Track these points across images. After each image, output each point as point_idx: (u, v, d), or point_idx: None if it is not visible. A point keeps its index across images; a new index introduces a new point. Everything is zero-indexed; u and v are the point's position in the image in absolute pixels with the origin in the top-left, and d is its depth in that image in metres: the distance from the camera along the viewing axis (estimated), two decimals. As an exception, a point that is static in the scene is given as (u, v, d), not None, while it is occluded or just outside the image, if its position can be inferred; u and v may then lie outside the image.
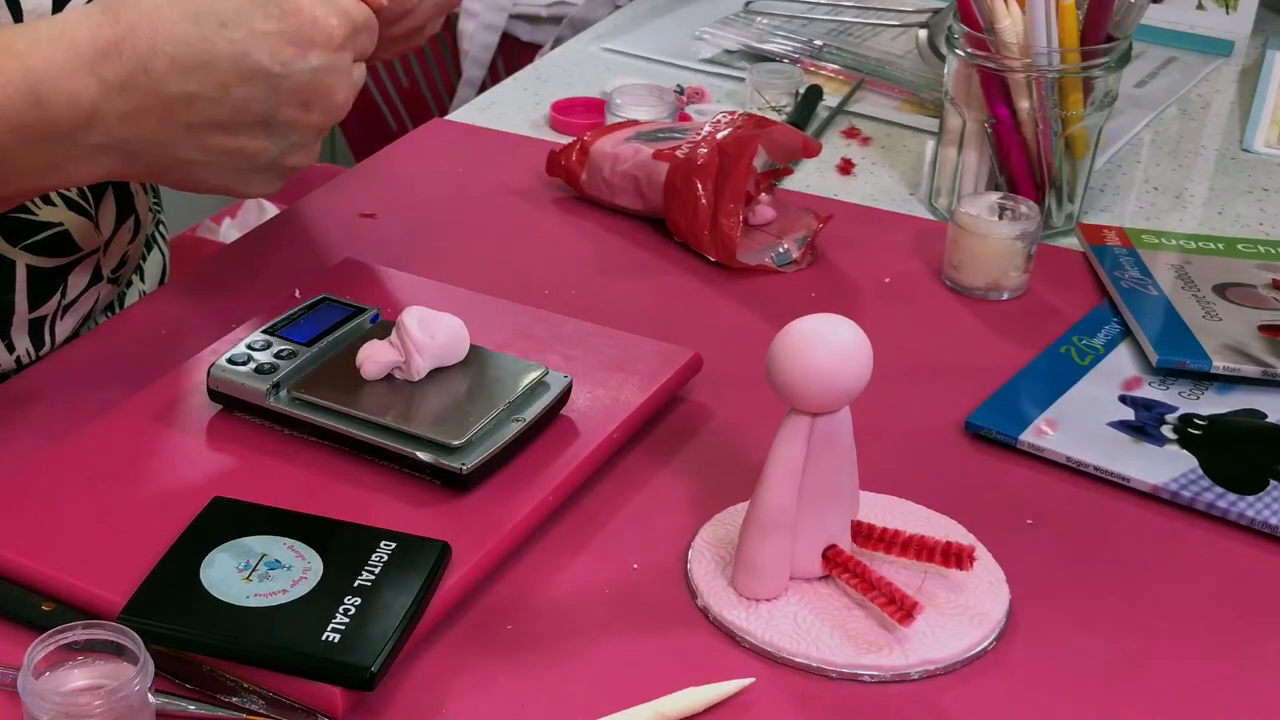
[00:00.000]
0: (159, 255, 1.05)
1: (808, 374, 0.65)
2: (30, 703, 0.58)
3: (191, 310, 0.91)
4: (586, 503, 0.76)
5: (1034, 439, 0.81)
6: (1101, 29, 1.01)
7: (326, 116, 0.75)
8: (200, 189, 0.77)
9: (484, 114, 1.23)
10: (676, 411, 0.84)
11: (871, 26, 1.41)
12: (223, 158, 0.75)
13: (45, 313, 0.90)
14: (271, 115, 0.73)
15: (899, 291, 0.97)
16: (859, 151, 1.18)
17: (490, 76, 1.97)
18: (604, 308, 0.92)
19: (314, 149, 0.77)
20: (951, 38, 1.03)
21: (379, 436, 0.74)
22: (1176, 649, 0.68)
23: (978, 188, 1.05)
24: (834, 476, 0.68)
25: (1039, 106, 1.01)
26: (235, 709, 0.63)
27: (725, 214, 0.97)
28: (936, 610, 0.68)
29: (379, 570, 0.66)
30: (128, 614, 0.63)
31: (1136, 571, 0.73)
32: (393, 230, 1.02)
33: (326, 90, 0.74)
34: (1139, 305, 0.93)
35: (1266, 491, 0.77)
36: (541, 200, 1.07)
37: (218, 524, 0.69)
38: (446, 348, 0.78)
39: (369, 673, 0.61)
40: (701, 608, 0.70)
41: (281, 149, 0.75)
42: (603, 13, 1.81)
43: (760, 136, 0.99)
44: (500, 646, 0.67)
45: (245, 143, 0.74)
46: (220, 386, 0.78)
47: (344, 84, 0.75)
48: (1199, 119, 1.28)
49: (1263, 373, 0.86)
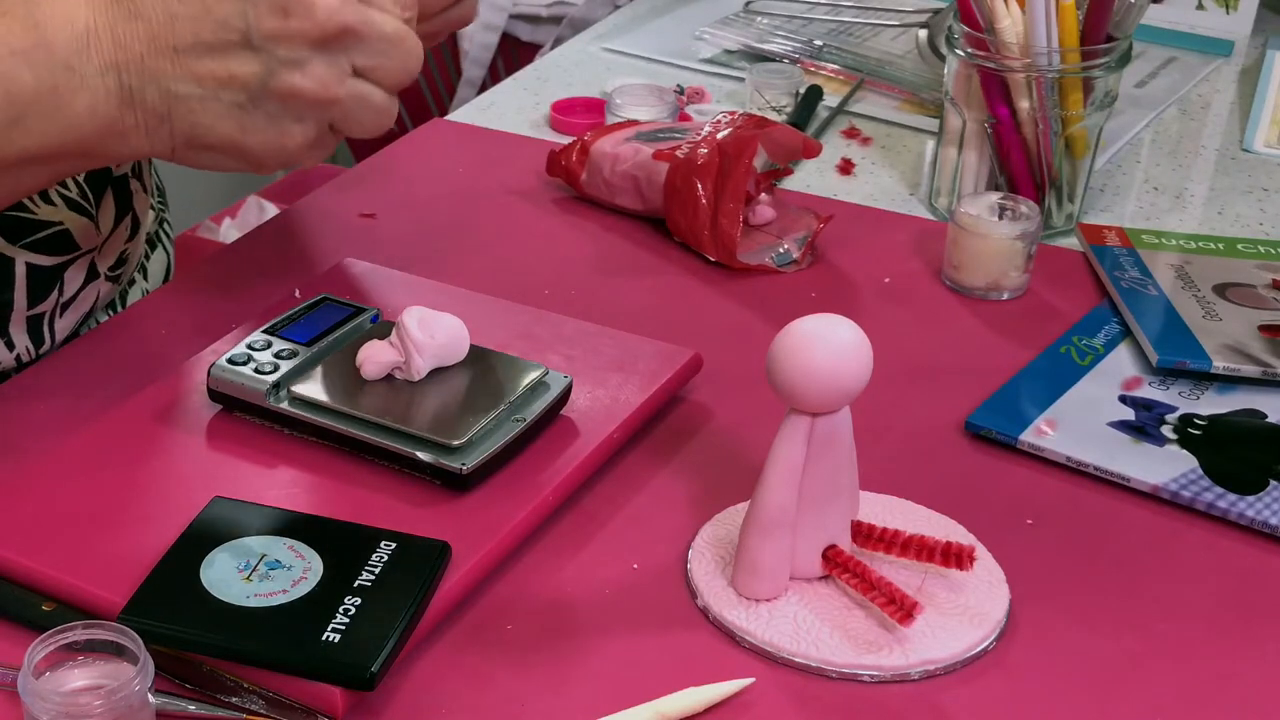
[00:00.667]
0: (163, 254, 1.04)
1: (808, 374, 0.65)
2: (30, 703, 0.58)
3: (191, 310, 0.91)
4: (586, 503, 0.76)
5: (1034, 439, 0.81)
6: (1101, 29, 1.01)
7: (309, 23, 0.72)
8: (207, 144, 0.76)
9: (484, 114, 1.23)
10: (676, 411, 0.84)
11: (871, 26, 1.41)
12: (216, 89, 0.73)
13: (44, 309, 0.90)
14: (253, 28, 0.72)
15: (899, 291, 0.97)
16: (859, 151, 1.18)
17: (490, 76, 1.97)
18: (604, 308, 0.92)
19: (309, 70, 0.73)
20: (951, 38, 1.03)
21: (379, 436, 0.74)
22: (1176, 649, 0.68)
23: (978, 188, 1.05)
24: (834, 476, 0.68)
25: (1039, 106, 1.01)
26: (235, 709, 0.63)
27: (725, 214, 0.97)
28: (936, 610, 0.68)
29: (379, 570, 0.66)
30: (128, 614, 0.63)
31: (1136, 571, 0.73)
32: (393, 230, 1.02)
33: None
34: (1139, 305, 0.93)
35: (1266, 491, 0.77)
36: (541, 200, 1.07)
37: (218, 524, 0.69)
38: (446, 348, 0.78)
39: (369, 673, 0.61)
40: (701, 608, 0.70)
41: (270, 67, 0.73)
42: (603, 13, 1.81)
43: (760, 136, 0.99)
44: (500, 646, 0.67)
45: (234, 66, 0.73)
46: (220, 386, 0.78)
47: None
48: (1199, 119, 1.28)
49: (1263, 373, 0.86)
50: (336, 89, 0.74)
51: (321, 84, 0.74)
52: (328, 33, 0.73)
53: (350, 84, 0.74)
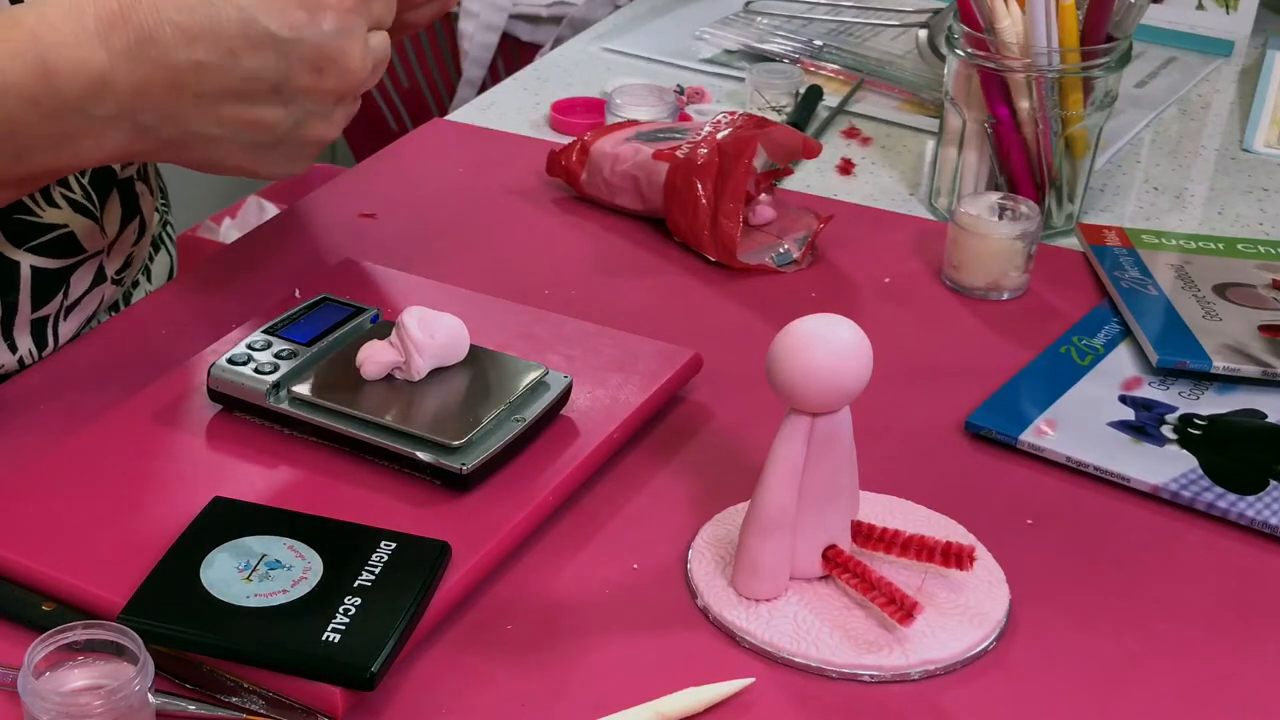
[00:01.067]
0: (166, 255, 1.04)
1: (808, 374, 0.65)
2: (30, 703, 0.58)
3: (192, 310, 0.91)
4: (586, 503, 0.76)
5: (1034, 439, 0.81)
6: (1101, 29, 1.01)
7: (342, 82, 0.73)
8: (220, 169, 0.76)
9: (484, 114, 1.23)
10: (676, 411, 0.84)
11: (871, 26, 1.41)
12: (238, 130, 0.73)
13: (48, 313, 0.90)
14: (284, 83, 0.72)
15: (899, 291, 0.97)
16: (859, 151, 1.18)
17: (490, 76, 1.97)
18: (604, 308, 0.92)
19: (334, 119, 0.75)
20: (951, 38, 1.03)
21: (379, 436, 0.74)
22: (1176, 649, 0.68)
23: (978, 188, 1.05)
24: (834, 476, 0.68)
25: (1039, 106, 1.01)
26: (235, 709, 0.63)
27: (725, 214, 0.97)
28: (936, 610, 0.68)
29: (379, 570, 0.66)
30: (128, 614, 0.63)
31: (1136, 571, 0.73)
32: (393, 230, 1.02)
33: (340, 54, 0.72)
34: (1139, 305, 0.93)
35: (1266, 491, 0.77)
36: (541, 200, 1.07)
37: (218, 524, 0.69)
38: (446, 348, 0.78)
39: (369, 673, 0.61)
40: (701, 608, 0.70)
41: (297, 119, 0.74)
42: (603, 13, 1.81)
43: (760, 136, 0.99)
44: (500, 646, 0.67)
45: (260, 113, 0.73)
46: (220, 386, 0.78)
47: (357, 48, 0.73)
48: (1199, 119, 1.28)
49: (1263, 373, 0.86)
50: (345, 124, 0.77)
51: (339, 128, 0.76)
52: (355, 89, 0.75)
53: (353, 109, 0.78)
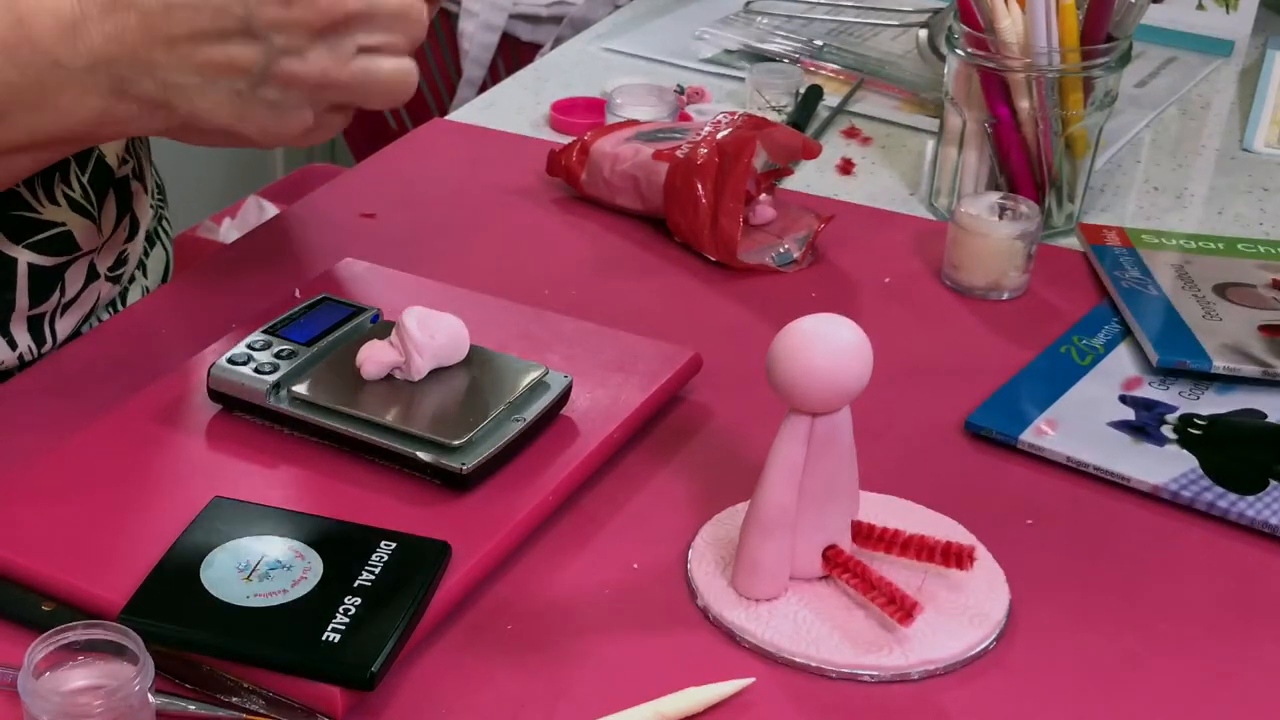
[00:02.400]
0: (162, 251, 1.04)
1: (808, 374, 0.65)
2: (30, 703, 0.58)
3: (191, 310, 0.91)
4: (586, 503, 0.76)
5: (1034, 439, 0.81)
6: (1101, 29, 1.01)
7: (310, 11, 0.71)
8: (207, 134, 0.75)
9: (484, 114, 1.23)
10: (676, 411, 0.84)
11: (871, 26, 1.40)
12: (215, 75, 0.72)
13: (45, 309, 0.90)
14: (251, 15, 0.71)
15: (899, 291, 0.97)
16: (859, 151, 1.18)
17: (490, 76, 1.97)
18: (604, 308, 0.92)
19: (311, 57, 0.72)
20: (951, 38, 1.03)
21: (379, 436, 0.74)
22: (1176, 649, 0.68)
23: (978, 188, 1.05)
24: (834, 476, 0.68)
25: (1039, 106, 1.01)
26: (235, 709, 0.63)
27: (725, 214, 0.97)
28: (936, 610, 0.68)
29: (379, 570, 0.66)
30: (128, 614, 0.63)
31: (1136, 571, 0.73)
32: (393, 230, 1.02)
33: None
34: (1139, 305, 0.93)
35: (1266, 491, 0.77)
36: (541, 200, 1.07)
37: (218, 524, 0.69)
38: (446, 348, 0.78)
39: (369, 673, 0.61)
40: (701, 608, 0.70)
41: (270, 54, 0.71)
42: (603, 13, 1.81)
43: (760, 136, 0.99)
44: (500, 646, 0.67)
45: (234, 53, 0.71)
46: (220, 386, 0.78)
47: None
48: (1199, 119, 1.28)
49: (1263, 373, 0.86)
50: (338, 74, 0.73)
51: (321, 71, 0.73)
52: (332, 20, 0.71)
53: (355, 65, 0.73)
